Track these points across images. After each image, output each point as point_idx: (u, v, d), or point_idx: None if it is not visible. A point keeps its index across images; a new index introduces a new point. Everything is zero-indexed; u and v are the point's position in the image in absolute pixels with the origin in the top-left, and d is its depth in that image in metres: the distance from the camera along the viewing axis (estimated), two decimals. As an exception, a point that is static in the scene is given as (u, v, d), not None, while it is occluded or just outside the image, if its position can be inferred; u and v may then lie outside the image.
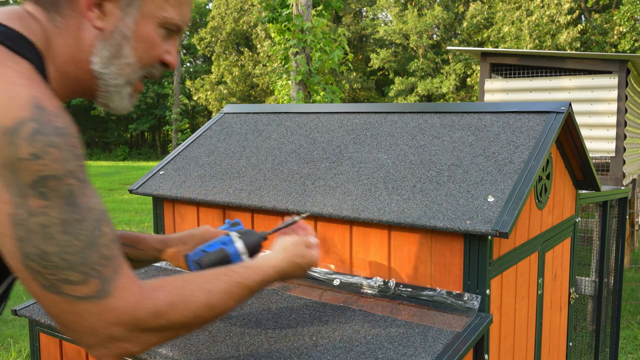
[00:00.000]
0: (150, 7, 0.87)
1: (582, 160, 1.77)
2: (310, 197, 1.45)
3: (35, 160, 0.67)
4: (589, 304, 3.62)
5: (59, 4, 0.83)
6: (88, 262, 0.72)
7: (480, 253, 1.24)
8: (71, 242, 0.70)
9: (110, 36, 0.85)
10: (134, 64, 0.89)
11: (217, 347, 1.17)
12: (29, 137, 0.67)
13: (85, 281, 0.72)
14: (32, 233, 0.68)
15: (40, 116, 0.68)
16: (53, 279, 0.70)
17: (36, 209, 0.68)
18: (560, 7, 17.53)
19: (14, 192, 0.67)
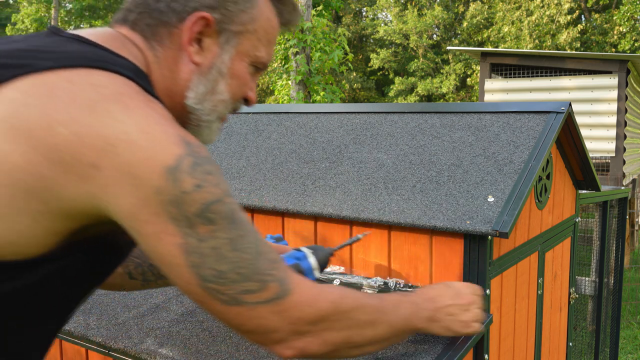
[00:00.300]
0: (246, 46, 0.88)
1: (582, 160, 1.77)
2: (310, 197, 1.45)
3: (198, 190, 0.70)
4: (589, 304, 3.62)
5: (160, 35, 0.84)
6: (261, 270, 0.75)
7: (480, 253, 1.24)
8: (241, 256, 0.73)
9: (208, 72, 0.86)
10: (227, 100, 0.90)
11: (217, 347, 1.17)
12: (190, 170, 0.69)
13: (264, 287, 0.75)
14: (205, 257, 0.71)
15: (191, 150, 0.71)
16: (232, 293, 0.74)
17: (205, 234, 0.71)
18: (560, 7, 17.53)
19: (182, 224, 0.69)
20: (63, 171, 0.66)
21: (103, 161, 0.66)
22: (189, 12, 0.83)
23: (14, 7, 24.53)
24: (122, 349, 1.20)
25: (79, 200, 0.67)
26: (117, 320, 1.33)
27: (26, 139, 0.65)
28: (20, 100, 0.67)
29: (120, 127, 0.67)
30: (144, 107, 0.70)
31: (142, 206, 0.68)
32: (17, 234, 0.67)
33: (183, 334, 1.23)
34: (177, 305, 1.39)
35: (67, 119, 0.66)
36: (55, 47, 0.75)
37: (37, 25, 20.45)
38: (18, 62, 0.71)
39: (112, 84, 0.71)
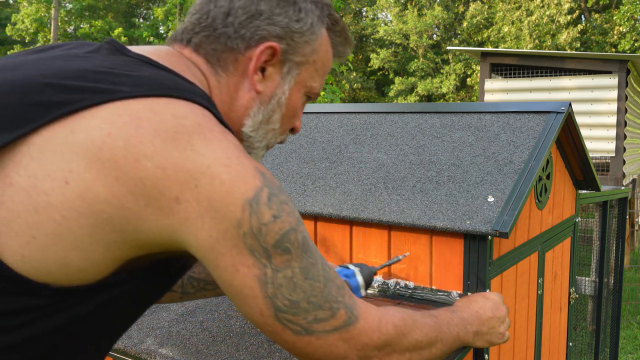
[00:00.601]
0: (304, 76, 0.89)
1: (582, 160, 1.78)
2: (310, 197, 1.45)
3: (275, 220, 0.70)
4: (589, 304, 3.62)
5: (226, 61, 0.84)
6: (331, 297, 0.75)
7: (480, 253, 1.24)
8: (313, 284, 0.74)
9: (268, 101, 0.86)
10: (277, 130, 0.90)
11: (217, 347, 1.17)
12: (267, 202, 0.70)
13: (334, 315, 0.75)
14: (280, 288, 0.71)
15: (267, 181, 0.71)
16: (304, 323, 0.74)
17: (281, 264, 0.71)
18: (560, 7, 17.52)
19: (260, 255, 0.70)
20: (145, 204, 0.66)
21: (185, 195, 0.66)
22: (256, 40, 0.83)
23: (14, 7, 24.53)
24: (122, 349, 1.20)
25: (156, 233, 0.67)
26: (117, 320, 1.33)
27: (110, 171, 0.65)
28: (105, 130, 0.66)
29: (202, 161, 0.67)
30: (222, 139, 0.70)
31: (221, 239, 0.68)
32: (88, 262, 0.67)
33: (183, 334, 1.23)
34: (177, 305, 1.39)
35: (152, 151, 0.65)
36: (129, 71, 0.74)
37: (37, 25, 20.44)
38: (95, 86, 0.70)
39: (192, 114, 0.70)
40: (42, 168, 0.65)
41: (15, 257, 0.65)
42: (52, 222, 0.65)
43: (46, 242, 0.65)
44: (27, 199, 0.64)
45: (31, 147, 0.66)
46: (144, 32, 24.06)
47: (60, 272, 0.66)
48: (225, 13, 0.84)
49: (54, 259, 0.65)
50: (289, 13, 0.85)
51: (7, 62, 0.76)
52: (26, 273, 0.65)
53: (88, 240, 0.66)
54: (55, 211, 0.64)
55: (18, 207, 0.64)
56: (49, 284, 0.66)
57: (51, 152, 0.65)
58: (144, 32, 24.17)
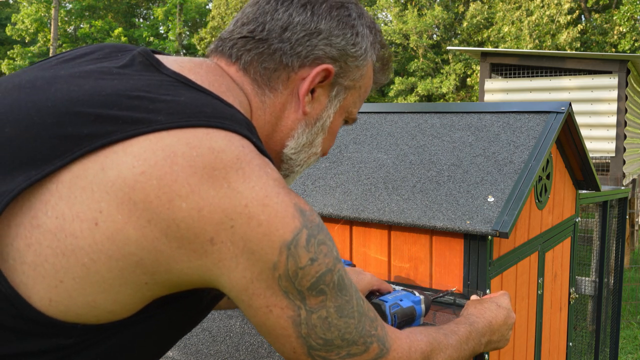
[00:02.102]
0: (349, 101, 0.87)
1: (582, 160, 1.77)
2: (310, 197, 1.45)
3: (313, 264, 0.68)
4: (589, 304, 3.62)
5: (277, 80, 0.80)
6: (364, 333, 0.74)
7: (480, 253, 1.24)
8: (347, 322, 0.72)
9: (313, 123, 0.84)
10: (318, 154, 0.88)
11: (217, 347, 1.17)
12: (305, 244, 0.67)
13: (367, 349, 0.74)
14: (314, 328, 0.70)
15: (306, 220, 0.68)
16: (337, 358, 0.73)
17: (315, 306, 0.70)
18: (560, 7, 17.51)
19: (294, 297, 0.68)
20: (178, 246, 0.63)
21: (220, 236, 0.63)
22: (312, 59, 0.80)
23: (14, 7, 24.53)
24: (122, 349, 1.20)
25: (189, 274, 0.65)
26: (117, 320, 1.32)
27: (143, 212, 0.62)
28: (138, 168, 0.62)
29: (239, 200, 0.64)
30: (261, 174, 0.67)
31: (255, 280, 0.66)
32: (117, 304, 0.65)
33: (183, 334, 1.23)
34: (177, 305, 1.39)
35: (187, 192, 0.62)
36: (165, 94, 0.69)
37: (37, 25, 20.44)
38: (129, 115, 0.65)
39: (230, 146, 0.66)
40: (71, 208, 0.62)
41: (43, 302, 0.62)
42: (80, 266, 0.62)
43: (74, 286, 0.62)
44: (55, 242, 0.62)
45: (59, 184, 0.62)
46: (144, 32, 24.06)
47: (89, 314, 0.64)
48: (282, 27, 0.80)
49: (83, 302, 0.63)
50: (347, 36, 0.82)
51: (36, 78, 0.71)
52: (55, 316, 0.63)
53: (117, 282, 0.64)
54: (84, 255, 0.62)
55: (46, 250, 0.62)
56: (78, 323, 0.64)
57: (80, 190, 0.62)
58: (144, 32, 24.16)
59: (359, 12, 0.85)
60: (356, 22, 0.84)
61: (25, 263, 0.62)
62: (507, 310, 1.08)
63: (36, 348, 0.64)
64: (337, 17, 0.82)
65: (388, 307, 1.11)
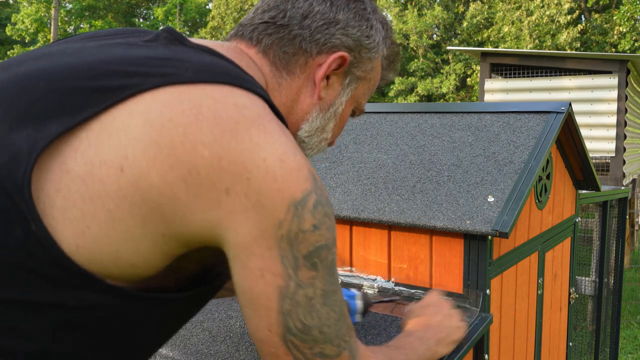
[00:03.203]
0: (359, 91, 0.90)
1: (582, 160, 1.78)
2: (310, 197, 1.45)
3: (315, 231, 0.68)
4: (589, 304, 3.62)
5: (295, 64, 0.83)
6: (340, 334, 0.72)
7: (480, 253, 1.24)
8: (329, 314, 0.71)
9: (327, 109, 0.87)
10: (328, 140, 0.90)
11: (217, 347, 1.17)
12: (312, 209, 0.67)
13: (339, 354, 0.72)
14: (297, 306, 0.68)
15: (317, 187, 0.69)
16: (309, 353, 0.70)
17: (305, 281, 0.68)
18: (560, 7, 17.51)
19: (289, 264, 0.67)
20: (195, 194, 0.64)
21: (236, 187, 0.64)
22: (329, 47, 0.84)
23: (14, 7, 24.54)
24: (122, 349, 1.20)
25: (201, 226, 0.66)
26: (117, 320, 1.33)
27: (167, 157, 0.63)
28: (166, 115, 0.64)
29: (258, 153, 0.65)
30: (281, 134, 0.69)
31: (259, 237, 0.66)
32: (139, 257, 0.66)
33: (183, 334, 1.23)
34: (177, 305, 1.39)
35: (210, 140, 0.64)
36: (191, 58, 0.72)
37: (37, 25, 20.44)
38: (158, 70, 0.68)
39: (253, 105, 0.69)
40: (99, 154, 0.64)
41: (71, 247, 0.64)
42: (106, 211, 0.64)
43: (99, 232, 0.64)
44: (83, 187, 0.63)
45: (89, 132, 0.65)
46: (144, 32, 24.02)
47: (113, 266, 0.66)
48: (303, 15, 0.83)
49: (107, 250, 0.65)
50: (362, 27, 0.86)
51: (66, 48, 0.74)
52: (81, 264, 0.64)
53: (139, 232, 0.65)
54: (110, 200, 0.63)
55: (74, 195, 0.63)
56: (103, 279, 0.66)
57: (108, 137, 0.64)
58: (144, 32, 24.12)
59: (373, 7, 0.90)
60: (371, 15, 0.88)
61: (55, 207, 0.63)
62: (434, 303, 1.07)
63: (65, 300, 0.65)
64: (354, 9, 0.86)
65: None
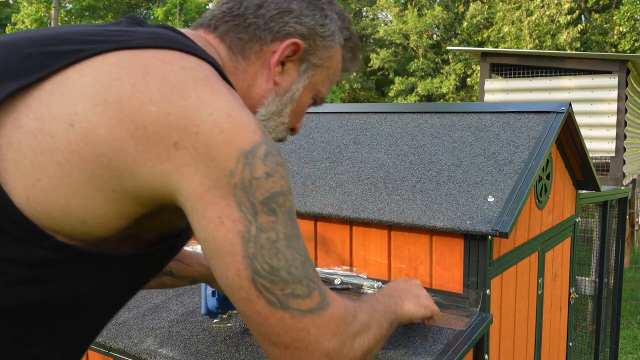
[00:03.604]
0: (317, 79, 0.94)
1: (582, 160, 1.77)
2: (310, 197, 1.45)
3: (268, 178, 0.70)
4: (589, 304, 3.61)
5: (250, 50, 0.88)
6: (309, 275, 0.74)
7: (480, 253, 1.24)
8: (295, 256, 0.72)
9: (283, 94, 0.90)
10: (285, 124, 0.94)
11: (217, 347, 1.17)
12: (263, 158, 0.70)
13: (310, 294, 0.74)
14: (262, 249, 0.70)
15: (267, 140, 0.72)
16: (281, 294, 0.71)
17: (266, 225, 0.70)
18: (560, 7, 17.51)
19: (246, 210, 0.69)
20: (144, 149, 0.67)
21: (184, 141, 0.67)
22: (283, 34, 0.88)
23: (14, 7, 24.54)
24: (122, 349, 1.20)
25: (151, 181, 0.68)
26: (117, 320, 1.33)
27: (114, 113, 0.66)
28: (114, 74, 0.68)
29: (206, 109, 0.68)
30: (228, 93, 0.72)
31: (212, 188, 0.68)
32: (89, 213, 0.68)
33: (183, 334, 1.23)
34: (177, 305, 1.39)
35: (157, 97, 0.67)
36: (145, 30, 0.78)
37: (37, 25, 20.43)
38: (112, 38, 0.73)
39: (200, 68, 0.73)
40: (50, 111, 0.67)
41: (21, 199, 0.66)
42: (55, 164, 0.66)
43: (49, 185, 0.66)
44: (34, 141, 0.66)
45: (42, 91, 0.68)
46: (144, 32, 24.01)
47: (63, 221, 0.67)
48: (258, 5, 0.88)
49: (57, 205, 0.67)
50: (316, 17, 0.91)
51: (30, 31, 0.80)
52: (31, 217, 0.66)
53: (88, 187, 0.67)
54: (59, 154, 0.66)
55: (25, 148, 0.66)
56: (54, 235, 0.67)
57: (59, 96, 0.67)
58: (144, 32, 24.10)
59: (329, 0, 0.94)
60: (325, 6, 0.93)
61: (6, 160, 0.66)
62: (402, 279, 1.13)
63: (17, 255, 0.67)
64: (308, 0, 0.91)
65: None
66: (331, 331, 0.75)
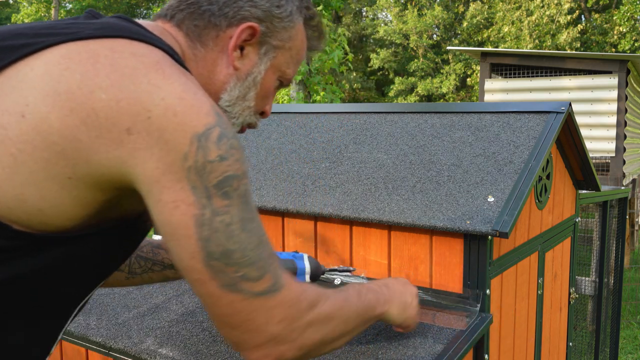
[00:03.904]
0: (280, 60, 0.93)
1: (582, 160, 1.77)
2: (310, 197, 1.45)
3: (222, 161, 0.70)
4: (589, 304, 3.61)
5: (207, 37, 0.88)
6: (263, 258, 0.75)
7: (480, 253, 1.24)
8: (249, 239, 0.73)
9: (244, 78, 0.90)
10: (252, 108, 0.94)
11: (217, 347, 1.17)
12: (217, 141, 0.70)
13: (262, 277, 0.74)
14: (216, 232, 0.71)
15: (221, 122, 0.72)
16: (234, 276, 0.72)
17: (220, 208, 0.71)
18: (560, 7, 17.51)
19: (200, 194, 0.70)
20: (97, 135, 0.67)
21: (137, 126, 0.67)
22: (238, 19, 0.88)
23: (14, 7, 24.52)
24: (122, 349, 1.20)
25: (107, 166, 0.68)
26: (117, 320, 1.33)
27: (65, 102, 0.67)
28: (63, 64, 0.69)
29: (158, 93, 0.69)
30: (181, 76, 0.72)
31: (166, 171, 0.68)
32: (46, 202, 0.68)
33: (183, 334, 1.23)
34: (177, 305, 1.39)
35: (107, 84, 0.68)
36: (98, 22, 0.78)
37: (37, 25, 20.38)
38: (62, 31, 0.73)
39: (151, 53, 0.73)
40: (1, 104, 0.68)
41: None
42: (8, 155, 0.67)
43: (3, 176, 0.67)
44: None
45: None
46: (144, 32, 24.01)
47: (19, 210, 0.68)
48: None
49: (12, 194, 0.67)
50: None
51: None
52: None
53: (43, 176, 0.68)
54: (12, 144, 0.67)
55: None
56: (10, 224, 0.68)
57: (10, 89, 0.69)
58: (144, 32, 24.10)
59: None
60: None
61: None
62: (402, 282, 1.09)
63: None
64: None
65: None
66: (279, 315, 0.76)
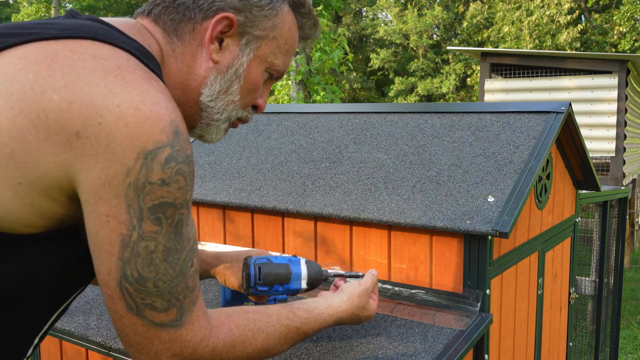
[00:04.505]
0: (265, 51, 0.89)
1: (582, 160, 1.77)
2: (310, 197, 1.45)
3: (162, 186, 0.68)
4: (589, 304, 3.61)
5: (182, 30, 0.85)
6: (174, 292, 0.74)
7: (480, 253, 1.24)
8: (167, 270, 0.72)
9: (225, 71, 0.87)
10: (237, 102, 0.90)
11: (217, 347, 1.17)
12: (163, 162, 0.68)
13: (167, 309, 0.74)
14: (137, 256, 0.70)
15: (176, 142, 0.69)
16: (140, 303, 0.72)
17: (148, 234, 0.69)
18: (560, 7, 17.51)
19: (133, 214, 0.68)
20: (45, 137, 0.65)
21: (87, 131, 0.65)
22: (214, 10, 0.84)
23: (14, 7, 24.52)
24: (122, 349, 1.20)
25: (54, 170, 0.67)
26: (117, 320, 1.32)
27: (16, 102, 0.65)
28: (19, 64, 0.67)
29: (113, 99, 0.66)
30: (143, 82, 0.69)
31: (107, 184, 0.67)
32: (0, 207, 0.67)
33: (183, 334, 1.23)
34: (177, 305, 1.39)
35: (61, 85, 0.66)
36: (66, 22, 0.75)
37: (37, 25, 20.38)
38: (27, 31, 0.71)
39: (114, 56, 0.70)
40: None
41: None
42: None
43: None
44: None
45: None
46: (144, 32, 24.00)
47: None
48: None
49: None
50: None
51: None
52: None
53: None
54: None
55: None
56: None
57: None
58: (144, 32, 24.10)
59: None
60: None
61: None
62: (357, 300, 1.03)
63: None
64: None
65: (253, 260, 1.07)
66: (172, 350, 0.76)
